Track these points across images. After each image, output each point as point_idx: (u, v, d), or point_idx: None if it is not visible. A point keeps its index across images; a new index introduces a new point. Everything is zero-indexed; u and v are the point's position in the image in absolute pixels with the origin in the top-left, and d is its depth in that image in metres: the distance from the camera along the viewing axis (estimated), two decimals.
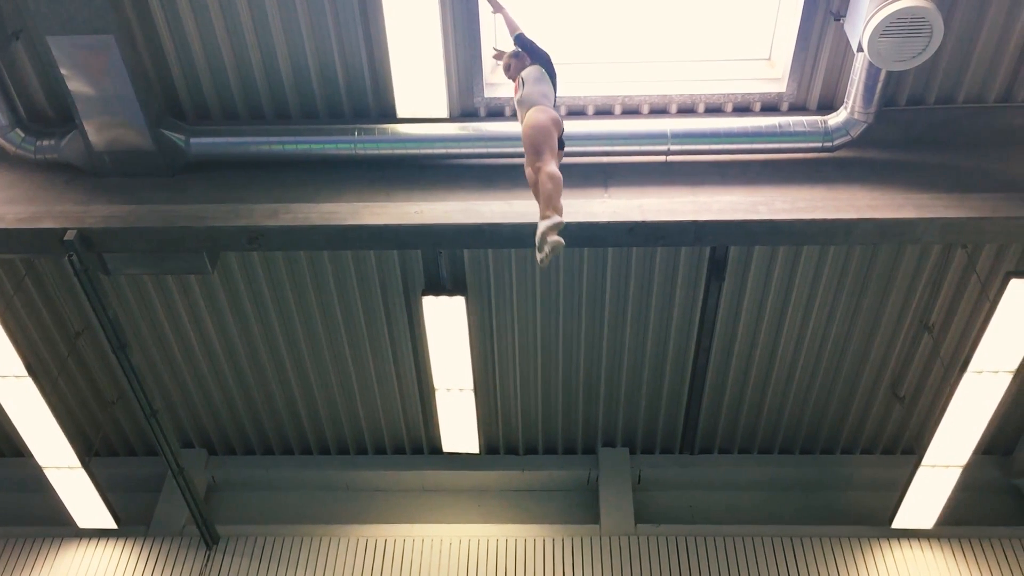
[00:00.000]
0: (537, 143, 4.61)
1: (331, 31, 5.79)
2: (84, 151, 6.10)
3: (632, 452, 8.78)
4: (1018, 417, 8.19)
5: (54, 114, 6.28)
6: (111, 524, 8.18)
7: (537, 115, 4.72)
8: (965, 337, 7.43)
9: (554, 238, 4.29)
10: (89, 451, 8.07)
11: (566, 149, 4.99)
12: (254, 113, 6.29)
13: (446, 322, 7.06)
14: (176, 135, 6.07)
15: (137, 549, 8.26)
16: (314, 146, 6.11)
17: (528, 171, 4.69)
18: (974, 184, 5.79)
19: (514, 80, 5.14)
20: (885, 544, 8.04)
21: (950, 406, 6.86)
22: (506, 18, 5.32)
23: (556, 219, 4.33)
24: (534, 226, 4.46)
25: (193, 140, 6.10)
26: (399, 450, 8.94)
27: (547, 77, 5.01)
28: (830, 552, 7.99)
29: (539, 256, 4.37)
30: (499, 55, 5.58)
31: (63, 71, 5.63)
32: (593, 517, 8.41)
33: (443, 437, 8.39)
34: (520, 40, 5.19)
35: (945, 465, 7.36)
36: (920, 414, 8.21)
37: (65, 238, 5.77)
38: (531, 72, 4.99)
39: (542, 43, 5.18)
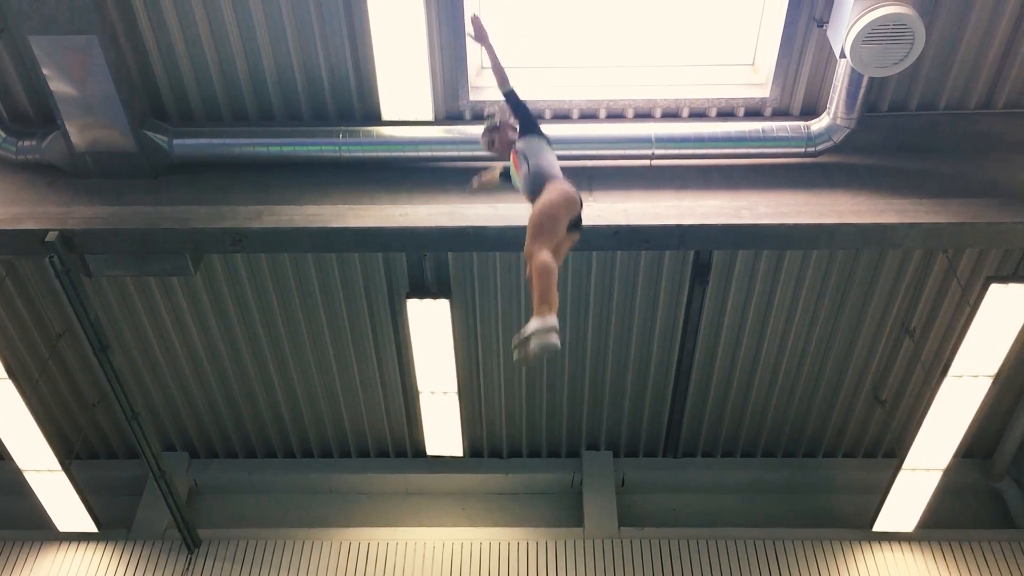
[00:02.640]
0: (540, 226, 4.06)
1: (316, 32, 5.78)
2: (66, 152, 6.06)
3: (616, 455, 8.79)
4: (998, 421, 8.26)
5: (36, 114, 6.23)
6: (92, 527, 8.12)
7: (552, 194, 4.18)
8: (946, 341, 7.49)
9: (548, 340, 3.68)
10: (70, 454, 8.00)
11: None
12: (238, 115, 6.26)
13: (430, 325, 7.05)
14: (159, 136, 6.04)
15: (118, 553, 8.20)
16: (298, 148, 6.09)
17: (524, 252, 4.09)
18: (955, 190, 5.84)
19: (505, 154, 4.66)
20: (867, 547, 8.08)
21: (931, 410, 6.91)
22: (494, 62, 4.69)
23: (551, 320, 3.71)
24: (519, 229, 4.44)
25: (176, 141, 6.07)
26: (383, 453, 8.91)
27: (547, 143, 4.50)
28: (812, 555, 8.02)
29: (515, 354, 3.76)
30: (483, 182, 5.21)
31: (45, 71, 5.60)
32: (577, 520, 8.42)
33: (427, 440, 8.37)
34: (512, 99, 4.61)
35: (926, 468, 7.41)
36: (901, 418, 8.26)
37: (46, 239, 5.72)
38: (530, 143, 4.46)
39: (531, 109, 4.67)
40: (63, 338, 7.69)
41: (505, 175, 4.89)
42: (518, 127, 4.63)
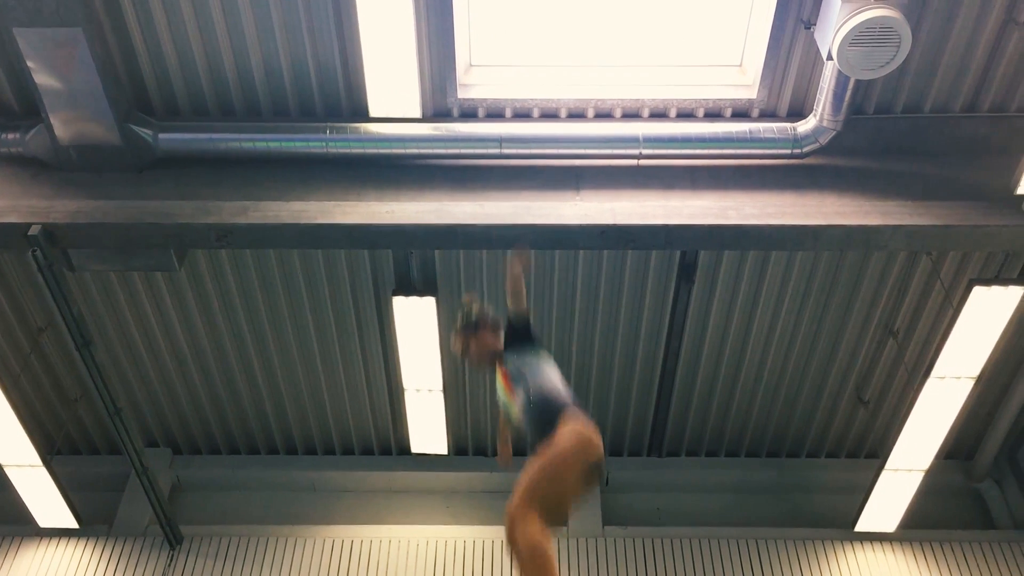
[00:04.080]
0: (542, 482, 3.05)
1: (303, 27, 5.75)
2: (50, 145, 6.00)
3: None
4: (980, 423, 8.31)
5: (20, 107, 6.17)
6: (73, 523, 8.06)
7: (565, 443, 3.17)
8: (929, 343, 7.53)
9: None
10: (51, 449, 7.95)
11: (536, 152, 4.66)
12: (224, 109, 6.23)
13: (416, 322, 7.04)
14: (144, 130, 6.00)
15: (99, 549, 8.15)
16: (285, 144, 6.06)
17: (508, 506, 3.04)
18: (939, 192, 5.87)
19: (483, 365, 3.86)
20: (848, 547, 8.12)
21: (913, 411, 6.96)
22: (518, 288, 3.89)
23: None
24: (507, 227, 4.42)
25: (162, 136, 6.02)
26: (367, 450, 8.89)
27: (546, 354, 3.67)
28: (794, 554, 8.06)
29: None
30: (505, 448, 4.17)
31: (29, 64, 5.54)
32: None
33: (412, 438, 8.36)
34: (519, 320, 3.75)
35: (908, 469, 7.46)
36: (884, 418, 8.31)
37: (29, 233, 5.68)
38: (523, 359, 3.57)
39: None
40: (45, 332, 7.63)
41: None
42: (501, 332, 3.74)
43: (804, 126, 5.96)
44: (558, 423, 3.22)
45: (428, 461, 8.72)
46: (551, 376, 3.44)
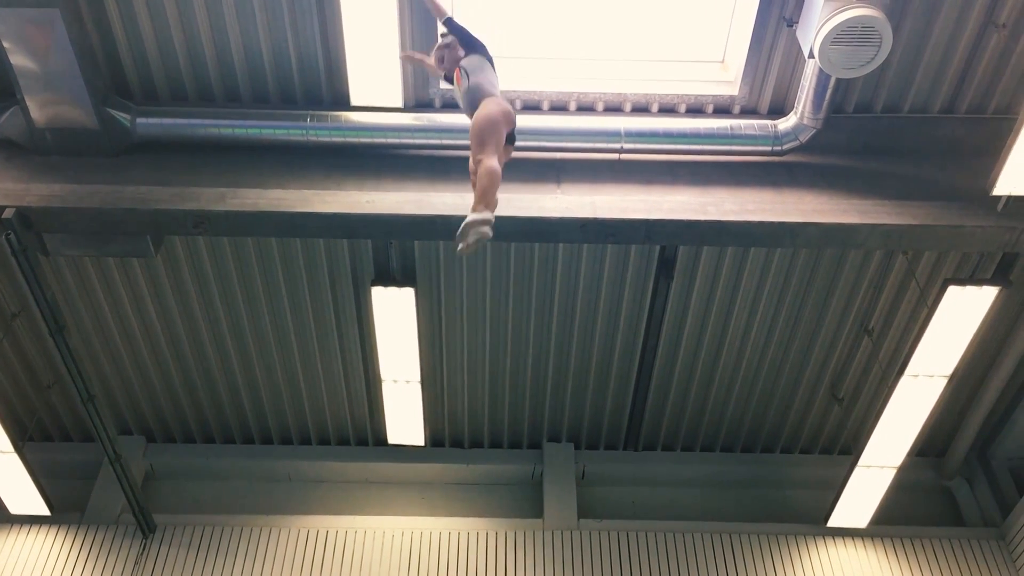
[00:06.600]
0: (484, 135, 4.42)
1: (285, 14, 5.71)
2: (25, 128, 5.93)
3: (577, 447, 8.82)
4: (952, 420, 8.41)
5: None
6: (44, 511, 7.99)
7: (490, 106, 4.52)
8: (903, 341, 7.60)
9: (481, 230, 4.13)
10: (23, 436, 7.88)
11: (517, 143, 4.86)
12: (203, 95, 6.17)
13: (395, 313, 7.01)
14: (121, 114, 5.94)
15: (71, 537, 8.08)
16: (265, 131, 6.02)
17: (471, 163, 4.52)
18: (916, 192, 5.92)
19: (451, 70, 4.91)
20: (820, 542, 8.20)
21: (887, 408, 7.02)
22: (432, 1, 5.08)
23: (486, 215, 4.17)
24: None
25: (139, 120, 5.97)
26: (343, 441, 8.87)
27: (489, 64, 4.80)
28: (767, 549, 8.13)
29: (460, 245, 4.15)
30: (410, 57, 5.43)
31: (5, 44, 5.47)
32: (537, 511, 8.44)
33: (388, 429, 8.34)
34: (450, 25, 4.94)
35: (880, 466, 7.52)
36: (858, 415, 8.39)
37: (3, 216, 5.61)
38: (473, 61, 4.76)
39: (475, 31, 4.93)
40: (18, 318, 7.55)
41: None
42: (464, 49, 4.88)
43: (784, 124, 5.99)
44: (481, 101, 4.59)
45: (405, 452, 8.71)
46: (489, 77, 4.72)
